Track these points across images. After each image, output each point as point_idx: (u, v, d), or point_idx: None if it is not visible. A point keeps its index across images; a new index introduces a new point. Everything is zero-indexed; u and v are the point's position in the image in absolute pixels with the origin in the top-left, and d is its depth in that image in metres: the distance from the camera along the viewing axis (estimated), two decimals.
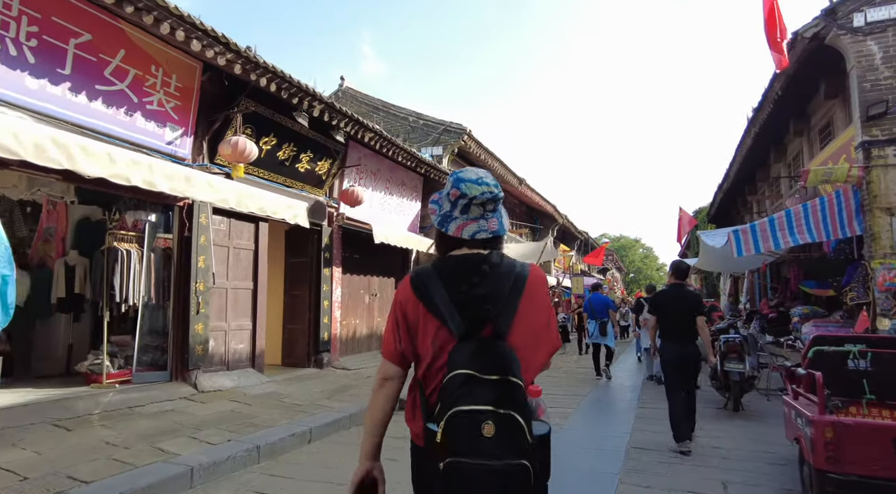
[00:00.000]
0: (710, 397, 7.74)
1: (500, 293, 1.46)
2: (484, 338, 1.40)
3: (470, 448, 1.25)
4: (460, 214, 1.54)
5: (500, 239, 1.59)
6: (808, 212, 8.45)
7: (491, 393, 1.30)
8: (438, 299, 1.46)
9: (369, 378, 8.69)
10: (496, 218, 1.57)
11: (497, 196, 1.54)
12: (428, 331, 1.49)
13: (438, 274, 1.51)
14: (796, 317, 11.40)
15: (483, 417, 1.27)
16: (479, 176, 1.55)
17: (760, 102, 11.76)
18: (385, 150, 9.91)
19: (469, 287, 1.47)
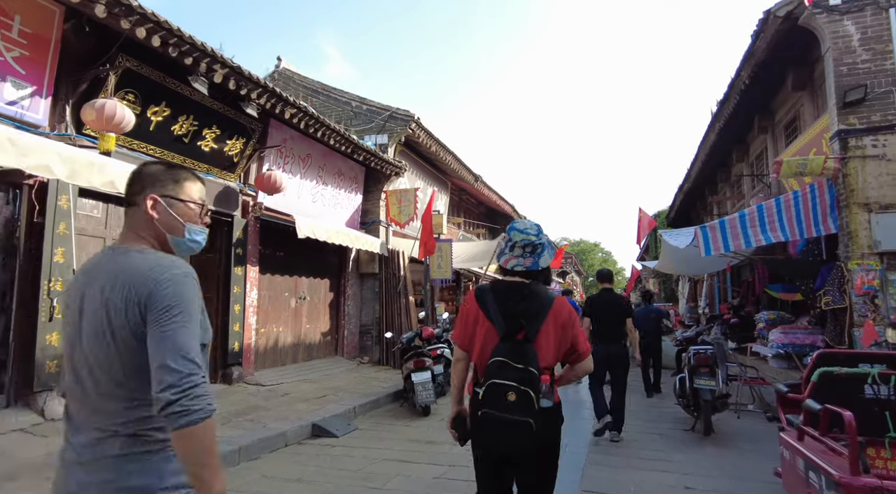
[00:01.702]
0: (677, 416, 6.80)
1: (532, 311, 2.18)
2: (517, 340, 2.11)
3: (497, 405, 2.02)
4: (509, 251, 2.33)
5: (536, 272, 2.31)
6: (782, 208, 7.64)
7: (516, 375, 2.03)
8: (492, 309, 2.21)
9: (287, 396, 7.42)
10: (532, 257, 2.29)
11: (534, 242, 2.28)
12: (482, 330, 2.23)
13: (493, 291, 2.27)
14: (762, 323, 10.68)
15: (508, 388, 2.01)
16: (526, 227, 2.34)
17: (726, 93, 11.04)
18: (315, 132, 8.66)
19: (513, 304, 2.20)
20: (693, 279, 21.92)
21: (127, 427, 1.31)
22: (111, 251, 1.43)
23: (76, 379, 1.37)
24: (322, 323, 10.34)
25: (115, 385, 1.32)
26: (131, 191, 1.48)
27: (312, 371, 9.33)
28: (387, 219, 11.57)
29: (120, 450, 1.30)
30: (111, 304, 1.33)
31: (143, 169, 1.51)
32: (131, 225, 1.47)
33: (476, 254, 13.79)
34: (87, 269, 1.44)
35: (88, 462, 1.31)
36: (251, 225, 8.28)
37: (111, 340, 1.32)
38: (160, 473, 1.32)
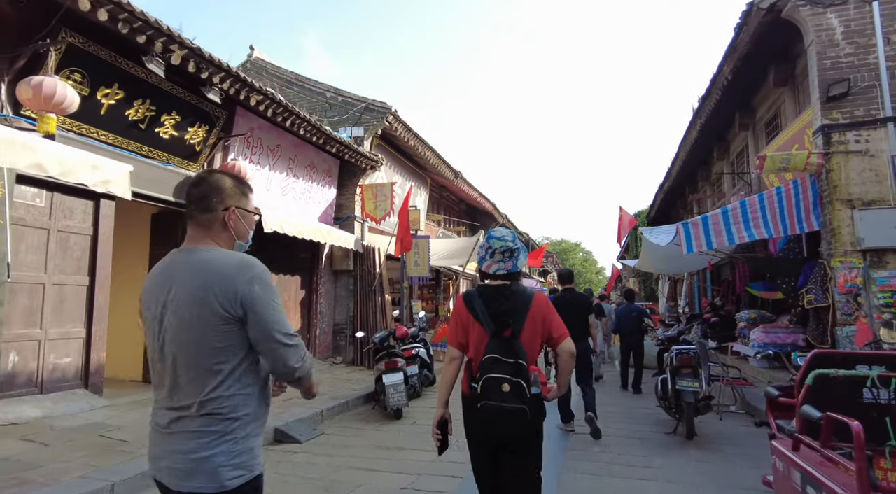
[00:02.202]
0: (658, 418, 6.57)
1: (515, 309, 2.41)
2: (505, 337, 2.34)
3: (495, 396, 2.25)
4: (489, 257, 2.55)
5: (515, 274, 2.54)
6: (765, 204, 7.46)
7: (508, 369, 2.27)
8: (480, 311, 2.43)
9: None
10: (512, 261, 2.52)
11: (511, 248, 2.51)
12: (473, 330, 2.45)
13: (480, 295, 2.49)
14: (743, 322, 10.57)
15: (503, 381, 2.25)
16: (503, 235, 2.57)
17: (708, 89, 10.90)
18: (283, 121, 8.26)
19: (498, 305, 2.42)
20: (673, 278, 21.90)
21: (203, 407, 1.50)
22: (189, 252, 1.61)
23: (161, 364, 1.57)
24: (293, 322, 9.91)
25: (200, 367, 1.51)
26: (212, 198, 1.64)
27: None
28: (362, 214, 11.19)
29: (197, 427, 1.50)
30: (200, 298, 1.50)
31: (218, 181, 1.68)
32: (205, 228, 1.64)
33: (455, 251, 13.49)
34: (165, 268, 1.63)
35: (171, 433, 1.52)
36: None
37: (198, 329, 1.50)
38: (227, 451, 1.50)
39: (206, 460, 1.48)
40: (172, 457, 1.51)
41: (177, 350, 1.53)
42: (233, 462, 1.50)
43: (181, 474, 1.49)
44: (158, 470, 1.56)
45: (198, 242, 1.64)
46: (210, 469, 1.48)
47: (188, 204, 1.67)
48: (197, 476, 1.48)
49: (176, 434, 1.52)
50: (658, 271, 18.22)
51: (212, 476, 1.48)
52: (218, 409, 1.51)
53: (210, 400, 1.51)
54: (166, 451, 1.53)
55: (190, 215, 1.67)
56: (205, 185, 1.66)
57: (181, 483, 1.49)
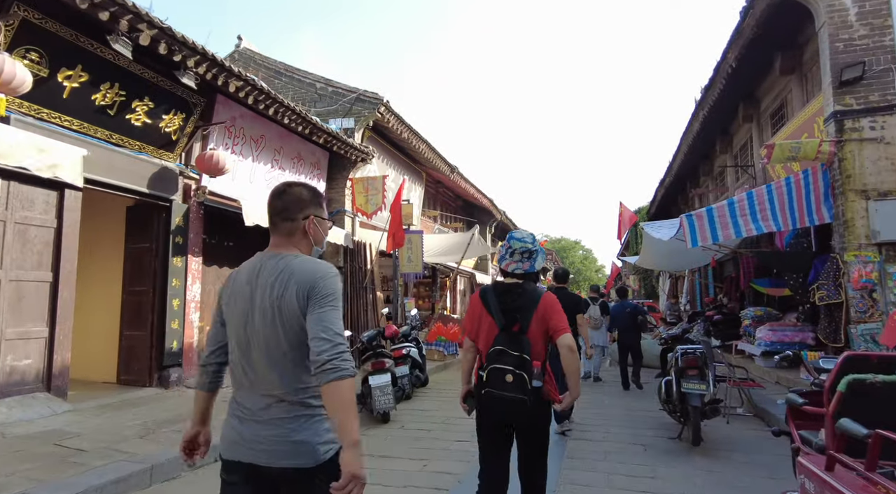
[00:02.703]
0: (660, 421, 6.18)
1: (524, 307, 2.55)
2: (514, 332, 2.50)
3: (498, 386, 2.40)
4: (509, 257, 2.70)
5: (531, 274, 2.70)
6: (773, 195, 7.06)
7: (513, 361, 2.41)
8: (493, 306, 2.59)
9: None
10: (529, 262, 2.68)
11: (530, 249, 2.68)
12: (485, 323, 2.61)
13: (494, 290, 2.66)
14: (748, 320, 10.18)
15: (507, 372, 2.39)
16: (523, 236, 2.74)
17: (712, 78, 10.49)
18: (266, 109, 7.85)
19: (510, 301, 2.58)
20: (674, 275, 21.51)
21: (290, 395, 1.67)
22: (275, 257, 1.76)
23: (246, 358, 1.72)
24: None
25: (286, 360, 1.68)
26: (293, 209, 1.80)
27: None
28: (353, 208, 10.79)
29: (287, 413, 1.66)
30: (283, 296, 1.67)
31: (299, 191, 1.84)
32: (287, 235, 1.80)
33: (450, 247, 13.10)
34: (252, 270, 1.77)
35: (263, 420, 1.67)
36: (193, 211, 7.44)
37: (282, 324, 1.67)
38: (317, 431, 1.67)
39: (303, 441, 1.64)
40: (271, 440, 1.65)
41: (268, 345, 1.69)
42: (324, 439, 1.67)
43: (282, 454, 1.64)
44: (252, 454, 1.67)
45: (281, 248, 1.80)
46: (308, 448, 1.64)
47: (272, 214, 1.82)
48: (298, 455, 1.64)
49: (269, 420, 1.67)
50: (659, 268, 17.81)
51: (310, 453, 1.64)
52: (308, 397, 1.68)
53: (301, 389, 1.68)
54: (262, 435, 1.66)
55: (273, 224, 1.83)
56: (286, 197, 1.82)
57: (282, 462, 1.64)
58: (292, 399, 1.67)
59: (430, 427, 6.05)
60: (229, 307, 1.79)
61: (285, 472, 1.65)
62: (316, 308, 1.65)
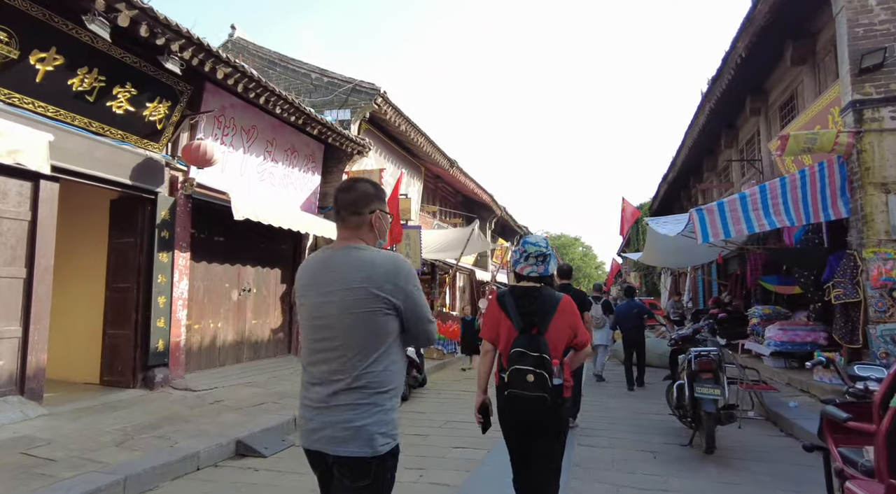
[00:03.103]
0: (669, 425, 5.88)
1: (543, 310, 2.61)
2: (532, 334, 2.55)
3: (520, 386, 2.46)
4: (523, 260, 2.76)
5: (546, 277, 2.76)
6: (787, 189, 6.74)
7: (532, 361, 2.48)
8: (511, 309, 2.65)
9: (219, 404, 6.32)
10: (543, 265, 2.73)
11: (544, 253, 2.74)
12: (504, 326, 2.65)
13: (512, 294, 2.72)
14: (756, 318, 9.86)
15: (528, 372, 2.46)
16: (537, 240, 2.81)
17: (720, 69, 10.15)
18: (256, 98, 7.51)
19: (527, 305, 2.63)
20: (675, 272, 21.19)
21: (358, 380, 1.74)
22: (345, 249, 1.84)
23: (318, 346, 1.81)
24: (272, 318, 9.22)
25: (356, 348, 1.74)
26: (360, 203, 1.89)
27: (259, 372, 8.23)
28: None
29: (352, 400, 1.73)
30: (363, 289, 1.75)
31: (365, 187, 1.93)
32: (354, 229, 1.90)
33: (449, 243, 12.79)
34: (323, 262, 1.86)
35: (330, 407, 1.75)
36: (181, 204, 7.11)
37: (360, 314, 1.74)
38: (378, 421, 1.74)
39: (362, 429, 1.68)
40: (334, 427, 1.71)
41: (339, 332, 1.75)
42: (383, 431, 1.71)
43: (340, 441, 1.69)
44: (317, 441, 1.75)
45: (348, 241, 1.87)
46: (366, 436, 1.68)
47: (339, 208, 1.90)
48: (355, 442, 1.68)
49: (333, 407, 1.72)
50: (663, 264, 17.46)
51: (368, 442, 1.68)
52: (371, 383, 1.73)
53: (365, 375, 1.72)
54: (326, 422, 1.72)
55: (340, 218, 1.90)
56: (353, 193, 1.90)
57: (340, 449, 1.69)
58: (360, 386, 1.73)
59: (427, 432, 5.74)
60: (302, 299, 1.87)
61: (341, 460, 1.70)
62: (409, 300, 1.78)
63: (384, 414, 1.74)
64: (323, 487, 1.83)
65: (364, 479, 1.70)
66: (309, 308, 1.83)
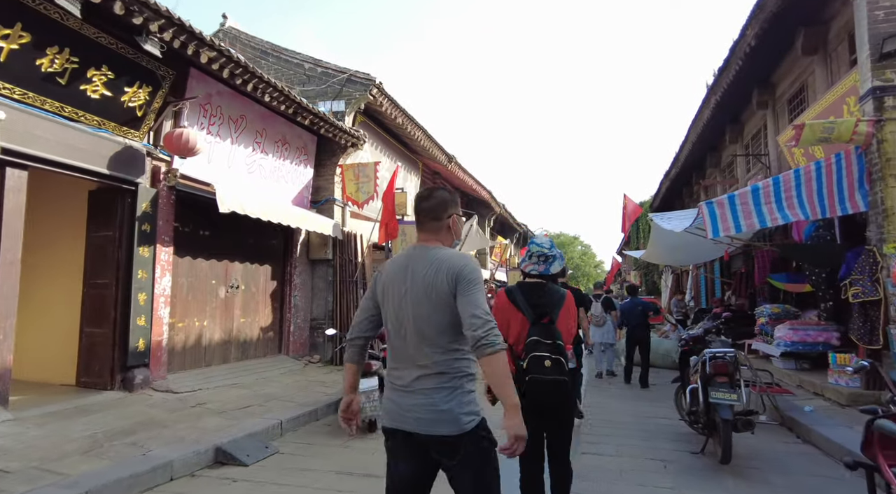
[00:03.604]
0: (677, 430, 5.54)
1: (551, 302, 2.95)
2: (543, 323, 2.85)
3: (539, 371, 2.73)
4: (528, 259, 3.11)
5: (548, 276, 3.09)
6: (801, 181, 6.39)
7: (548, 348, 2.76)
8: (521, 302, 2.96)
9: (201, 407, 5.97)
10: (545, 265, 3.06)
11: (546, 254, 3.06)
12: (515, 319, 2.95)
13: (520, 289, 3.04)
14: (764, 318, 9.52)
15: (545, 358, 2.73)
16: (542, 242, 3.14)
17: (727, 59, 9.80)
18: (244, 84, 7.14)
19: (536, 298, 2.96)
20: (677, 271, 20.86)
21: (438, 368, 1.92)
22: (425, 249, 2.06)
23: (401, 335, 2.00)
24: (262, 316, 8.86)
25: (434, 337, 1.94)
26: (439, 210, 2.11)
27: (247, 373, 7.87)
28: (343, 197, 10.10)
29: (435, 384, 1.92)
30: (435, 281, 1.95)
31: (442, 195, 2.15)
32: (434, 232, 2.12)
33: None
34: (406, 260, 2.07)
35: (414, 391, 1.94)
36: (163, 196, 6.75)
37: (437, 307, 1.93)
38: (460, 402, 1.91)
39: (446, 411, 1.88)
40: (420, 410, 1.91)
41: (419, 323, 1.96)
42: (466, 410, 1.90)
43: (429, 422, 1.89)
44: (405, 422, 1.94)
45: (428, 242, 2.11)
46: (451, 417, 1.88)
47: (420, 214, 2.14)
48: (443, 423, 1.88)
49: (418, 390, 1.93)
50: (667, 262, 17.10)
51: (454, 422, 1.88)
52: (450, 370, 1.93)
53: (444, 362, 1.93)
54: (413, 405, 1.92)
55: (420, 222, 2.14)
56: (433, 200, 2.13)
57: (430, 429, 1.89)
58: (439, 371, 1.91)
59: None
60: (385, 292, 2.06)
61: (433, 439, 1.88)
62: (466, 291, 1.90)
63: (464, 396, 1.92)
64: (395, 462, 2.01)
65: (456, 456, 1.88)
66: (392, 301, 2.03)
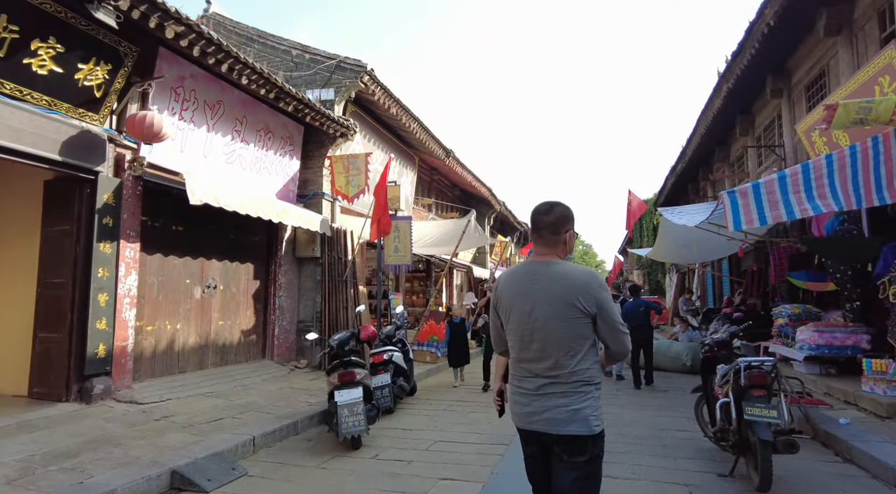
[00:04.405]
0: (699, 445, 4.91)
1: None
2: None
3: None
4: None
5: None
6: (833, 168, 5.74)
7: None
8: None
9: (166, 420, 5.35)
10: None
11: None
12: None
13: None
14: (783, 319, 8.90)
15: None
16: None
17: (742, 41, 9.15)
18: (220, 65, 6.52)
19: None
20: (682, 270, 20.23)
21: (573, 375, 2.08)
22: (546, 264, 2.19)
23: (529, 345, 2.14)
24: (243, 318, 8.23)
25: (565, 347, 2.08)
26: (559, 225, 2.23)
27: (225, 380, 7.25)
28: (332, 191, 9.48)
29: (568, 389, 2.08)
30: (567, 296, 2.09)
31: (562, 210, 2.26)
32: (552, 246, 2.23)
33: (444, 236, 11.83)
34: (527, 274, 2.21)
35: (545, 394, 2.10)
36: (129, 187, 6.13)
37: (565, 319, 2.07)
38: (590, 406, 2.08)
39: (579, 411, 2.04)
40: (552, 411, 2.07)
41: (548, 334, 2.10)
42: (595, 414, 2.07)
43: (561, 422, 2.05)
44: (535, 422, 2.11)
45: (546, 256, 2.23)
46: (583, 417, 2.04)
47: (540, 228, 2.25)
48: (574, 423, 2.04)
49: (549, 394, 2.09)
50: (675, 260, 16.44)
51: (585, 422, 2.04)
52: (582, 376, 2.08)
53: (577, 371, 2.08)
54: (545, 407, 2.09)
55: (540, 236, 2.25)
56: (553, 215, 2.23)
57: (562, 429, 2.04)
58: (568, 379, 2.08)
59: (410, 457, 4.77)
60: (510, 306, 2.21)
61: (563, 438, 2.05)
62: (604, 310, 2.09)
63: (594, 401, 2.08)
64: (532, 461, 2.18)
65: (583, 455, 2.03)
66: (518, 313, 2.16)
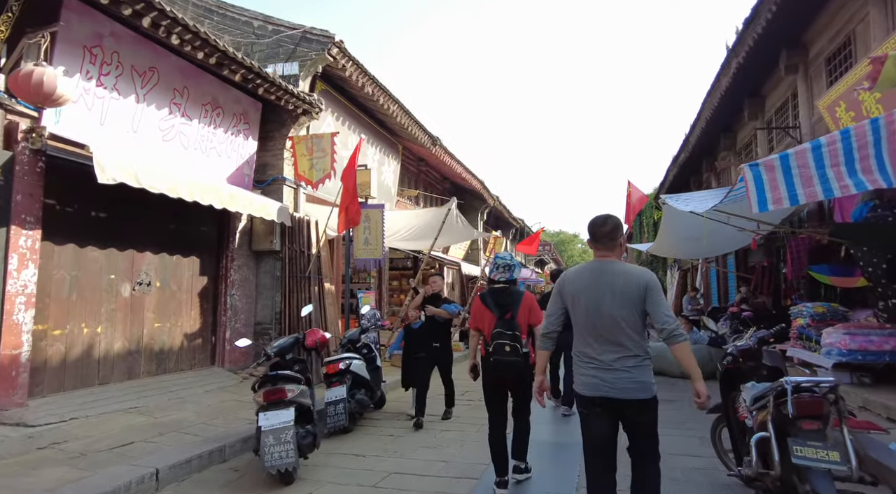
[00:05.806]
0: (720, 480, 3.86)
1: (513, 302, 4.04)
2: (506, 319, 3.93)
3: (501, 353, 3.81)
4: (495, 270, 4.21)
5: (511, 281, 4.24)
6: (881, 135, 4.66)
7: (508, 337, 3.84)
8: (490, 303, 4.05)
9: (54, 447, 4.30)
10: (509, 273, 4.20)
11: (509, 265, 4.23)
12: (486, 316, 4.06)
13: (490, 294, 4.14)
14: (805, 319, 7.83)
15: (505, 344, 3.81)
16: (504, 256, 4.28)
17: (756, 6, 8.13)
18: (142, 20, 5.43)
19: (501, 299, 4.05)
20: (684, 267, 19.21)
21: (634, 350, 2.74)
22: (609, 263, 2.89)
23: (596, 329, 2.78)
24: (186, 320, 7.17)
25: (630, 328, 2.73)
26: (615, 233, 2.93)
27: (159, 392, 6.21)
28: (294, 176, 8.42)
29: (633, 364, 2.72)
30: (629, 289, 2.75)
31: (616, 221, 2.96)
32: (611, 250, 2.92)
33: (425, 227, 10.77)
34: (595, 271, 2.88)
35: (617, 368, 2.72)
36: (24, 162, 5.07)
37: (628, 307, 2.73)
38: (650, 375, 2.78)
39: (644, 381, 2.72)
40: (622, 381, 2.71)
41: (617, 320, 2.73)
42: (652, 381, 2.76)
43: (632, 390, 2.70)
44: (608, 391, 2.72)
45: (607, 257, 2.91)
46: (646, 385, 2.72)
47: (601, 237, 2.92)
48: (642, 391, 2.70)
49: (621, 368, 2.71)
50: (677, 255, 15.38)
51: (647, 389, 2.72)
52: (642, 351, 2.75)
53: (638, 347, 2.74)
54: (617, 378, 2.71)
55: (601, 243, 2.92)
56: (608, 226, 2.92)
57: (633, 395, 2.69)
58: (635, 354, 2.72)
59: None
60: (576, 297, 2.86)
61: (632, 402, 2.69)
62: (655, 298, 2.74)
63: (650, 371, 2.78)
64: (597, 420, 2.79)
65: (649, 414, 2.75)
66: (587, 303, 2.81)
